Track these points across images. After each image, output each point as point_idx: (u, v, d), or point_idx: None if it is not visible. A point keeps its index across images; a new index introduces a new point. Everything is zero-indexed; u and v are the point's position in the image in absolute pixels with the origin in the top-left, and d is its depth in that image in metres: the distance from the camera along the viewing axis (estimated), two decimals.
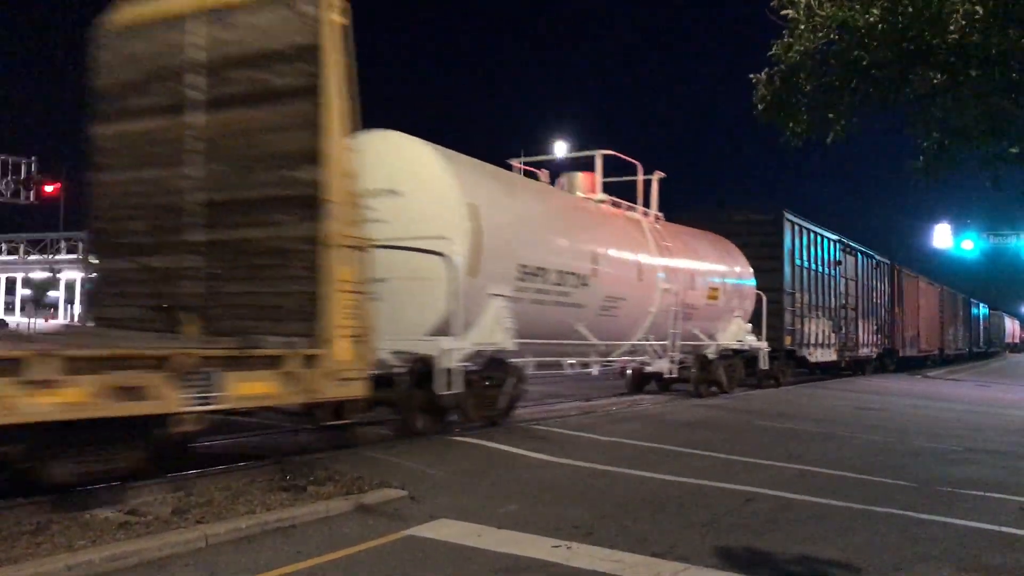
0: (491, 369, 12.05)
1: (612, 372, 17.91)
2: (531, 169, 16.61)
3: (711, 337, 19.31)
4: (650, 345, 16.87)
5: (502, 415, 12.59)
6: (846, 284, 29.48)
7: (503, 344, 11.83)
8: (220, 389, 7.37)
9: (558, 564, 6.09)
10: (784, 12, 10.37)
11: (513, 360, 12.50)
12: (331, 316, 8.29)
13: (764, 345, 21.39)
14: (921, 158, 11.49)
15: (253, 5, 8.76)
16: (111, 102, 9.70)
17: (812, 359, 26.15)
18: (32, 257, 60.55)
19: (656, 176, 18.14)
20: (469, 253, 11.21)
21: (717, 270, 19.70)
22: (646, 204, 17.92)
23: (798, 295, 24.70)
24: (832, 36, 10.09)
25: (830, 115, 10.77)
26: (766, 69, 10.98)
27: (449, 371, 10.67)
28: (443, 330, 11.05)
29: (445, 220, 11.14)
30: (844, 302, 29.14)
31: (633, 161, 17.74)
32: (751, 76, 11.10)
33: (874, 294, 33.26)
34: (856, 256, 30.80)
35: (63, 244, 60.09)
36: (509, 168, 15.84)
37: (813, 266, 26.20)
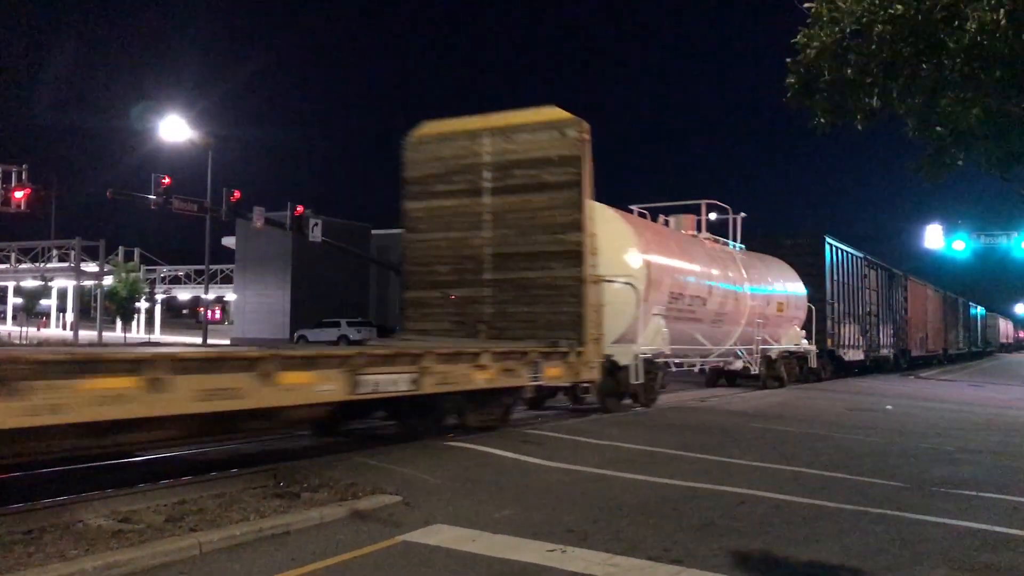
0: (646, 367, 16.57)
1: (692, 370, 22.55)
2: (644, 211, 21.11)
3: (776, 341, 24.24)
4: (736, 348, 22.13)
5: (654, 399, 17.51)
6: (870, 294, 34.47)
7: (663, 349, 17.42)
8: (541, 372, 12.68)
9: (553, 568, 6.09)
10: (807, 5, 10.46)
11: (658, 359, 17.56)
12: (586, 327, 13.56)
13: (813, 347, 26.39)
14: (918, 161, 11.61)
15: (531, 127, 13.95)
16: (421, 187, 15.02)
17: (846, 358, 31.09)
18: (23, 266, 60.26)
19: (740, 216, 24.68)
20: (645, 285, 16.57)
21: (782, 287, 25.03)
22: (733, 238, 24.09)
23: (836, 305, 29.38)
24: (849, 29, 10.12)
25: (849, 106, 10.84)
26: (797, 57, 11.01)
27: (637, 367, 15.94)
28: (623, 339, 16.26)
29: (629, 264, 16.53)
30: (869, 310, 34.13)
31: (725, 205, 24.51)
32: (787, 60, 11.13)
33: (891, 302, 38.61)
34: (876, 270, 35.96)
35: (54, 252, 59.83)
36: (631, 210, 20.52)
37: (846, 279, 31.19)
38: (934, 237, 31.66)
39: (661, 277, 17.58)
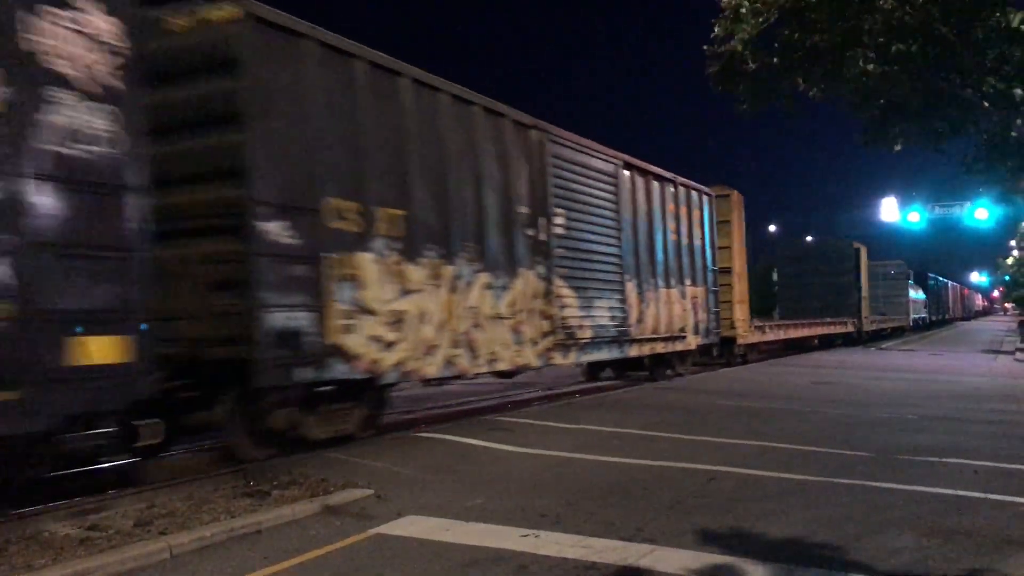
0: None
1: None
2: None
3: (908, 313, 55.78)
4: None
5: None
6: (927, 289, 66.24)
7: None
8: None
9: (527, 553, 6.11)
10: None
11: None
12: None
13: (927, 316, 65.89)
14: (864, 135, 11.91)
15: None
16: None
17: (933, 319, 67.22)
18: None
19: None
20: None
21: (918, 292, 60.96)
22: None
23: (928, 299, 64.27)
24: (772, 19, 10.36)
25: (776, 89, 11.10)
26: (713, 46, 11.22)
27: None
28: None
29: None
30: (926, 297, 65.30)
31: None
32: (704, 48, 11.28)
33: (938, 292, 75.58)
34: (936, 277, 74.37)
35: None
36: None
37: (922, 285, 63.87)
38: (890, 210, 32.11)
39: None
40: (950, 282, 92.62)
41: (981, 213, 28.24)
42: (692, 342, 20.34)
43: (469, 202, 12.19)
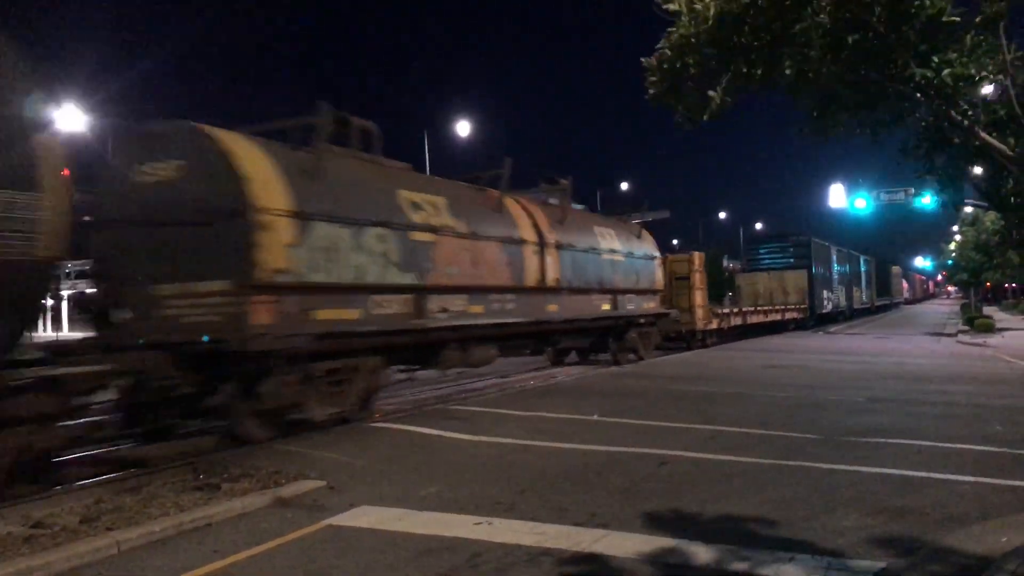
0: None
1: None
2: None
3: (902, 294, 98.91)
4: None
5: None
6: (907, 279, 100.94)
7: None
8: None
9: (481, 541, 6.12)
10: (667, 6, 10.80)
11: None
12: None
13: (908, 296, 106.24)
14: (803, 123, 12.21)
15: None
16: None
17: (909, 300, 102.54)
18: None
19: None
20: None
21: (904, 280, 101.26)
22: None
23: (908, 285, 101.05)
24: (710, 23, 10.53)
25: (711, 95, 11.21)
26: (655, 55, 11.30)
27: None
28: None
29: None
30: (907, 283, 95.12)
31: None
32: (642, 60, 11.36)
33: (912, 280, 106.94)
34: (914, 270, 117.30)
35: None
36: None
37: (905, 276, 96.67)
38: (837, 196, 32.64)
39: None
40: (913, 272, 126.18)
41: (926, 198, 28.82)
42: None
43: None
